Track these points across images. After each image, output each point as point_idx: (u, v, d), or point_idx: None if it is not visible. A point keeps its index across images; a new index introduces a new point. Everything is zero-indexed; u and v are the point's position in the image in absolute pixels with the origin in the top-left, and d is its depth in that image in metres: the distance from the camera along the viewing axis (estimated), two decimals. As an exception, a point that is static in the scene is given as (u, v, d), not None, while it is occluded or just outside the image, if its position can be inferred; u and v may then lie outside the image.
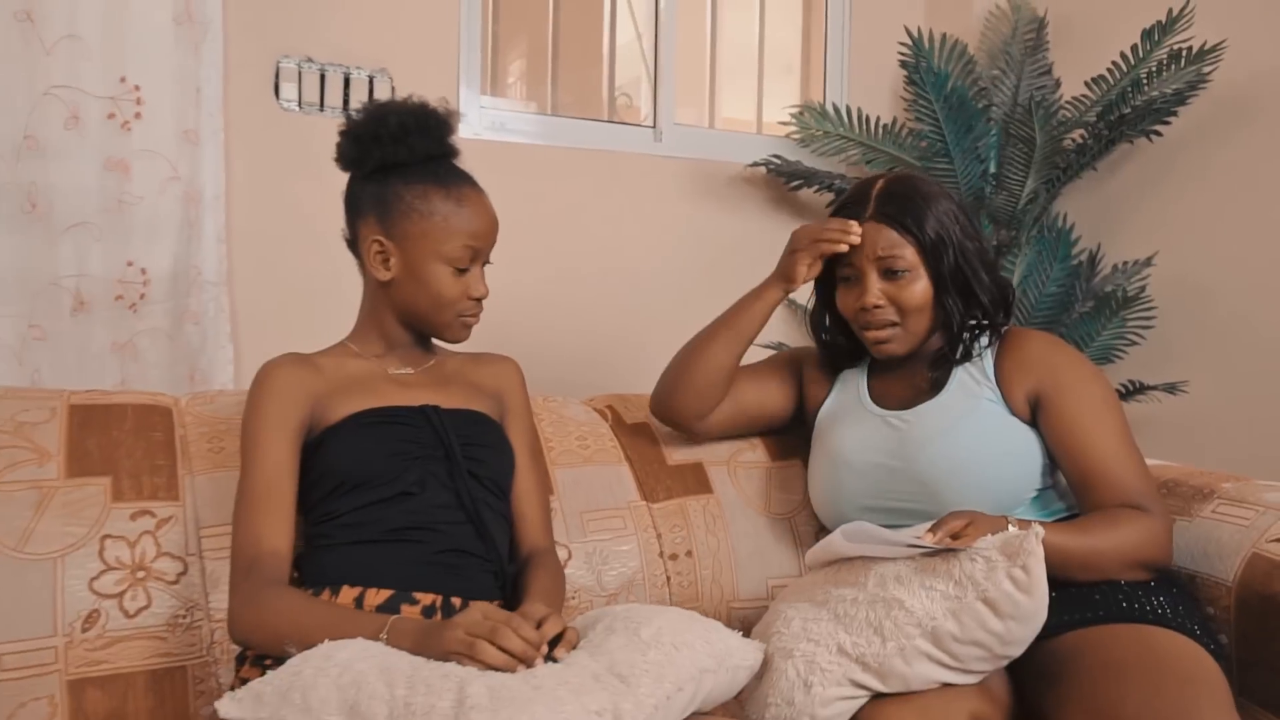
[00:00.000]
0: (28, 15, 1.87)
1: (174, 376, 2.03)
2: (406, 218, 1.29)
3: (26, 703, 1.20)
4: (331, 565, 1.21)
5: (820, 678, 1.09)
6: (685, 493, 1.60)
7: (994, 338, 1.45)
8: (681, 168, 2.58)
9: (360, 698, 0.90)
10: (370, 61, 2.22)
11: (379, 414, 1.28)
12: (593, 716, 0.89)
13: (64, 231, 1.92)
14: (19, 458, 1.30)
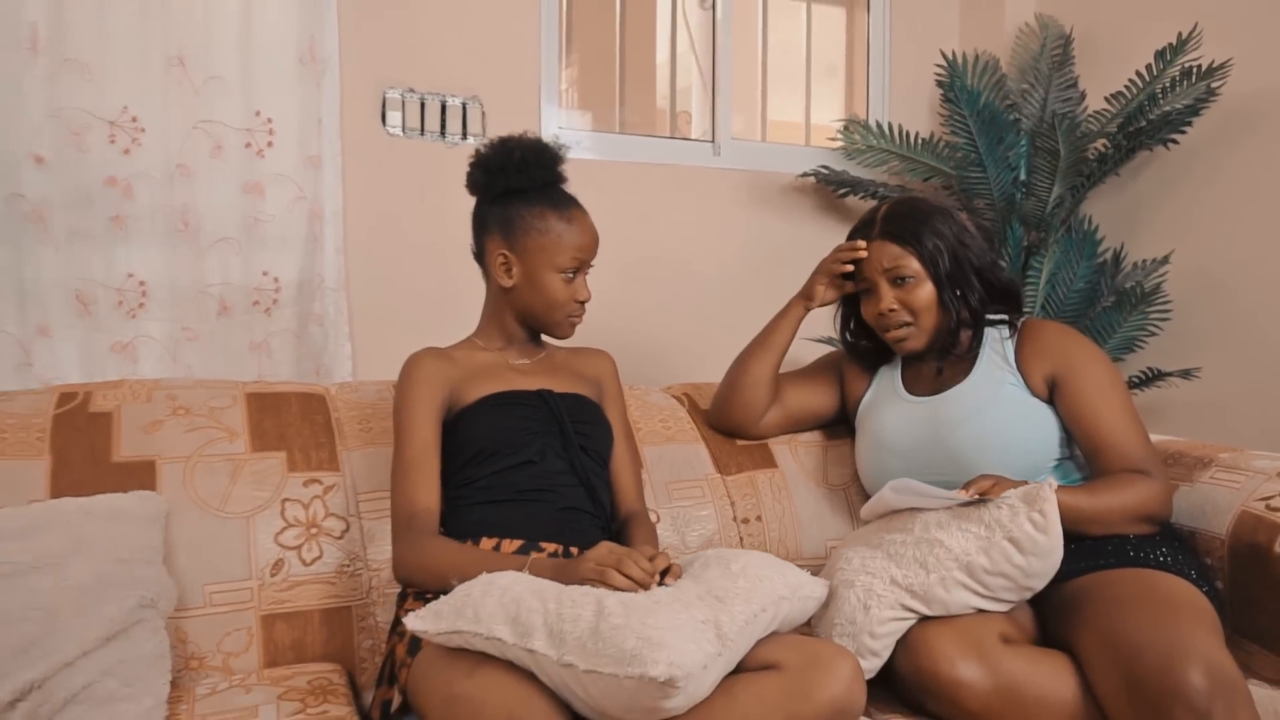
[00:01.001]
0: (180, 60, 2.17)
1: (301, 371, 2.32)
2: (527, 235, 1.56)
3: (230, 632, 1.49)
4: (471, 521, 1.48)
5: (876, 603, 1.35)
6: (754, 467, 1.87)
7: (1013, 329, 1.70)
8: (738, 178, 2.84)
9: (520, 611, 1.17)
10: (463, 90, 2.50)
11: (505, 397, 1.56)
12: (699, 623, 1.16)
13: (210, 246, 2.22)
14: (214, 436, 1.59)
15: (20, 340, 2.11)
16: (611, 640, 1.09)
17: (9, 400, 1.57)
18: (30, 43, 2.07)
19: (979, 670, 1.31)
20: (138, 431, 1.56)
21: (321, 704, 1.36)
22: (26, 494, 1.44)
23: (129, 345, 2.19)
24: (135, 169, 2.16)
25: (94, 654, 1.25)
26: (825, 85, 3.18)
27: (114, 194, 2.15)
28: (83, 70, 2.11)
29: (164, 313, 2.21)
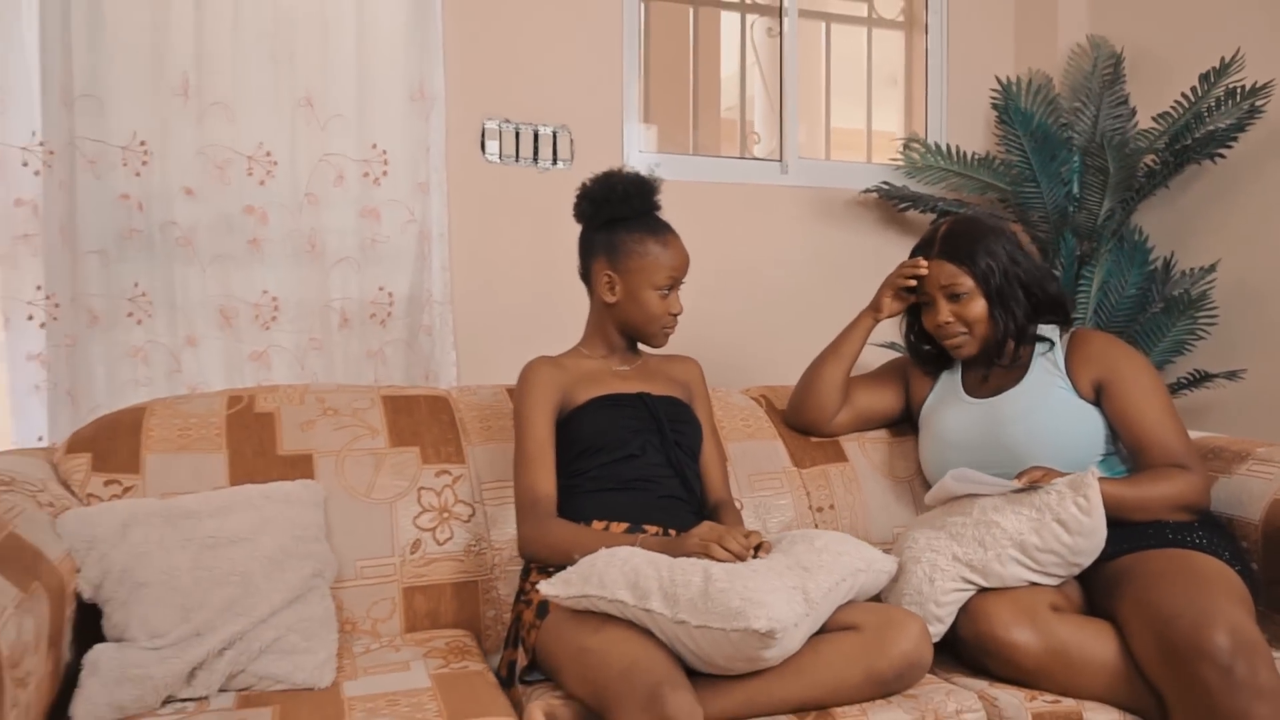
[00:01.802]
0: (307, 101, 2.44)
1: (411, 376, 2.57)
2: (628, 257, 1.79)
3: (378, 601, 1.74)
4: (583, 507, 1.71)
5: (940, 576, 1.56)
6: (827, 461, 2.08)
7: (1062, 337, 1.89)
8: (804, 195, 3.04)
9: (638, 578, 1.40)
10: (553, 119, 2.74)
11: (610, 400, 1.78)
12: (790, 589, 1.37)
13: (333, 265, 2.49)
14: (359, 433, 1.84)
15: (171, 349, 2.38)
16: (719, 600, 1.31)
17: (187, 403, 1.84)
18: (182, 89, 2.35)
19: (1031, 634, 1.51)
20: (296, 429, 1.81)
21: (461, 661, 1.60)
22: (211, 481, 1.70)
23: (263, 354, 2.46)
24: (269, 198, 2.43)
25: (281, 613, 1.50)
26: (886, 93, 3.37)
27: (251, 220, 2.42)
28: (225, 112, 2.39)
29: (293, 325, 2.48)
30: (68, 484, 1.66)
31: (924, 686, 1.49)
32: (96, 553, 1.45)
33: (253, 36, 2.41)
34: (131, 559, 1.45)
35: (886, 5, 3.31)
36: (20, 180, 2.27)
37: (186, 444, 1.74)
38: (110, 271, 2.33)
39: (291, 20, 2.44)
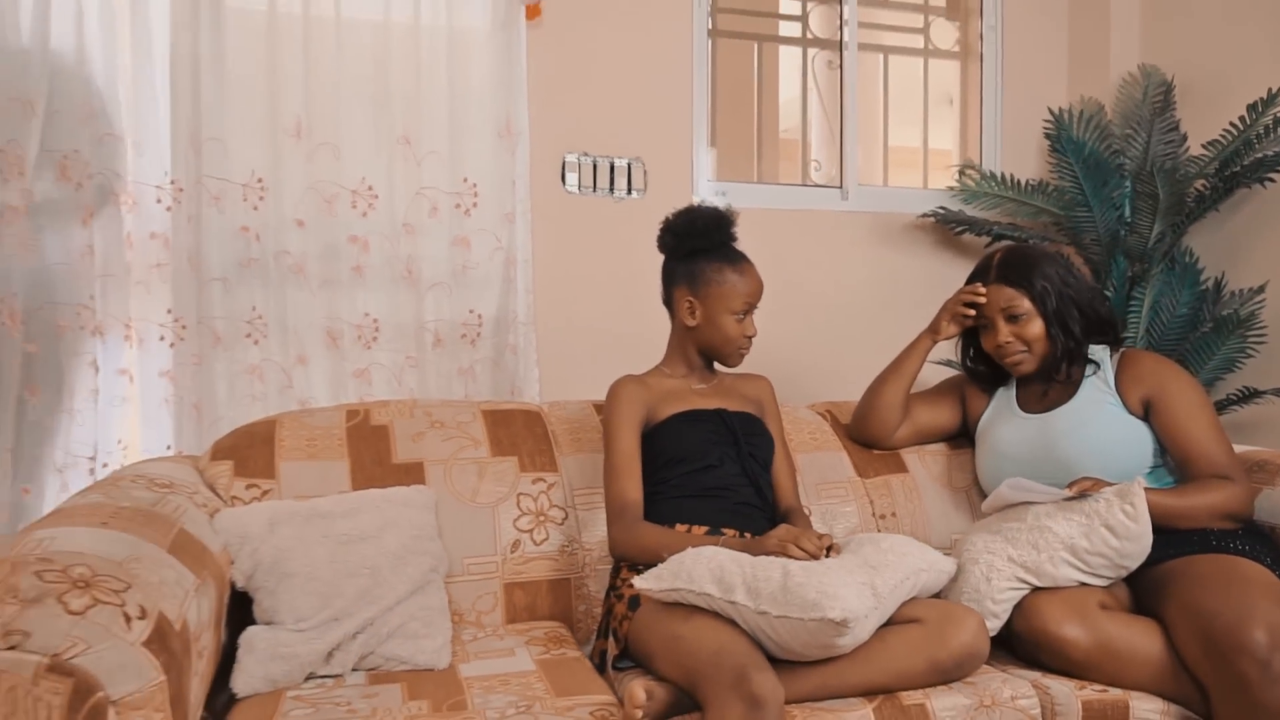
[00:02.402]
0: (405, 140, 2.66)
1: (497, 392, 2.77)
2: (708, 285, 1.96)
3: (482, 595, 1.93)
4: (667, 512, 1.88)
5: (996, 576, 1.71)
6: (889, 472, 2.23)
7: (1113, 356, 2.03)
8: (863, 220, 3.20)
9: (723, 573, 1.57)
10: (628, 152, 2.94)
11: (690, 415, 1.96)
12: (860, 584, 1.53)
13: (428, 289, 2.70)
14: (464, 444, 2.04)
15: (283, 367, 2.61)
16: (797, 593, 1.47)
17: (311, 416, 2.05)
18: (294, 131, 2.58)
19: (1081, 630, 1.65)
20: (408, 440, 2.02)
21: (559, 648, 1.78)
22: (336, 486, 1.90)
23: (365, 371, 2.67)
24: (371, 228, 2.65)
25: (404, 602, 1.70)
26: (941, 112, 3.51)
27: (355, 249, 2.64)
28: (332, 151, 2.62)
29: (391, 344, 2.69)
30: (213, 487, 1.87)
31: (981, 675, 1.64)
32: (249, 547, 1.66)
33: (355, 82, 2.64)
34: (279, 553, 1.65)
35: (942, 36, 3.46)
36: (154, 215, 2.52)
37: (314, 452, 1.95)
38: (231, 296, 2.57)
39: (389, 66, 2.66)
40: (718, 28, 3.15)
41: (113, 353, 2.50)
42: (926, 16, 3.45)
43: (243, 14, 2.55)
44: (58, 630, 1.17)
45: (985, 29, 3.37)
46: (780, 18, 3.37)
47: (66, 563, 1.26)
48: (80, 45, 2.41)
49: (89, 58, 2.42)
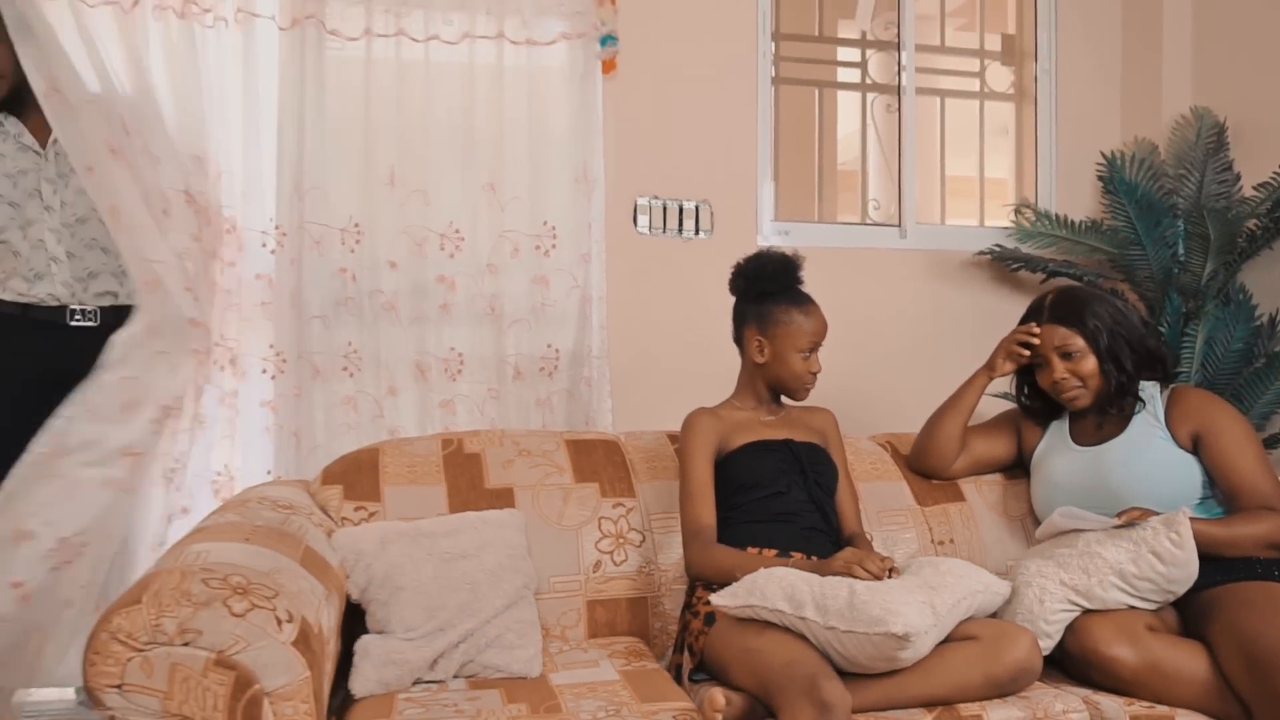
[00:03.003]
0: (490, 186, 2.86)
1: (572, 422, 2.94)
2: (776, 325, 2.12)
3: (566, 611, 2.09)
4: (739, 535, 2.03)
5: (1049, 598, 1.83)
6: (947, 500, 2.35)
7: (1163, 393, 2.14)
8: (921, 257, 3.32)
9: (794, 592, 1.71)
10: (696, 195, 3.11)
11: (760, 445, 2.11)
12: (920, 603, 1.66)
13: (509, 325, 2.88)
14: (549, 471, 2.21)
15: (376, 398, 2.81)
16: (863, 610, 1.62)
17: (410, 444, 2.24)
18: (389, 180, 2.80)
19: (1129, 650, 1.77)
20: (498, 466, 2.19)
21: (639, 661, 1.94)
22: (435, 509, 2.09)
23: (450, 402, 2.86)
24: (458, 268, 2.85)
25: (501, 615, 1.86)
26: (997, 143, 3.63)
27: (442, 288, 2.84)
28: (422, 197, 2.82)
29: (475, 377, 2.88)
30: (325, 509, 2.06)
31: (1034, 690, 1.76)
32: (363, 563, 1.84)
33: (443, 134, 2.85)
34: (390, 569, 1.83)
35: (997, 79, 3.59)
36: (259, 258, 2.75)
37: (414, 478, 2.14)
38: (329, 332, 2.78)
39: (474, 119, 2.86)
40: (781, 76, 3.32)
41: (218, 383, 2.72)
42: (982, 61, 3.58)
43: (341, 82, 2.77)
44: (224, 630, 1.36)
45: (1040, 72, 3.49)
46: (840, 64, 3.53)
47: (226, 572, 1.45)
48: (198, 103, 2.64)
49: (204, 113, 2.65)
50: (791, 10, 3.40)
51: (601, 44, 2.93)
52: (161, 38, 2.61)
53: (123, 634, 1.35)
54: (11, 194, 2.44)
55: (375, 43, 2.81)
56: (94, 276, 2.49)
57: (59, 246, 2.45)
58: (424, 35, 2.83)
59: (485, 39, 2.86)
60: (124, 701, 1.35)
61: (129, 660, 1.35)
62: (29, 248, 2.44)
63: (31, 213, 2.44)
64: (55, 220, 2.46)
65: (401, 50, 2.82)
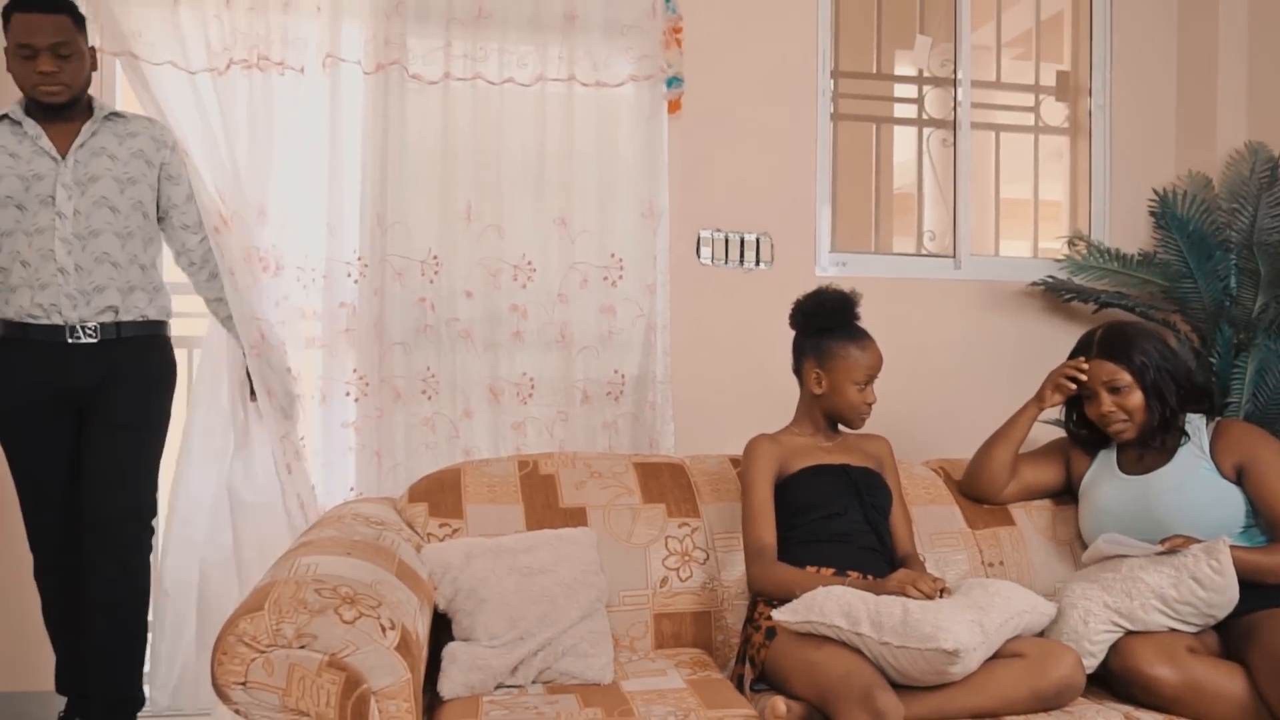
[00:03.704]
0: (561, 221, 3.03)
1: (636, 445, 3.09)
2: (833, 359, 2.25)
3: (634, 623, 2.22)
4: (798, 554, 2.15)
5: (1093, 620, 1.93)
6: (997, 524, 2.45)
7: (1208, 425, 2.23)
8: (975, 287, 3.42)
9: (850, 609, 1.84)
10: (757, 228, 3.25)
11: (818, 469, 2.23)
12: (970, 621, 1.77)
13: (578, 352, 3.04)
14: (619, 492, 2.36)
15: (452, 420, 2.98)
16: (916, 627, 1.73)
17: (489, 465, 2.40)
18: (466, 215, 2.98)
19: (1170, 670, 1.86)
20: (572, 487, 2.35)
21: (704, 671, 2.07)
22: (513, 526, 2.24)
23: (521, 424, 3.03)
24: (529, 298, 3.02)
25: (576, 626, 2.01)
26: (1051, 167, 3.71)
27: (515, 316, 3.01)
28: (497, 231, 3.00)
29: (545, 400, 3.04)
30: (411, 525, 2.23)
31: (1077, 705, 1.86)
32: (450, 576, 2.00)
33: (517, 171, 3.02)
34: (475, 581, 1.99)
35: (1052, 114, 3.68)
36: (344, 288, 2.94)
37: (494, 497, 2.29)
38: (409, 358, 2.96)
39: (546, 156, 3.03)
40: (839, 112, 3.44)
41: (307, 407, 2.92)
42: (1037, 96, 3.68)
43: (422, 122, 2.95)
44: (336, 635, 1.52)
45: (1094, 107, 3.58)
46: (897, 100, 3.65)
47: (335, 583, 1.62)
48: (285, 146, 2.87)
49: (289, 157, 2.88)
50: (850, 48, 3.53)
51: (668, 85, 3.09)
52: (248, 91, 2.85)
53: (247, 637, 1.52)
54: (22, 196, 2.40)
55: (453, 85, 2.99)
56: (99, 291, 2.45)
57: (68, 258, 2.41)
58: (499, 78, 3.01)
59: (557, 81, 3.03)
60: (248, 697, 1.52)
61: (252, 660, 1.52)
62: (37, 256, 2.40)
63: (42, 220, 2.41)
64: (67, 229, 2.41)
65: (478, 92, 3.00)
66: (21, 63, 2.37)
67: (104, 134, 2.49)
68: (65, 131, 2.46)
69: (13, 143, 2.42)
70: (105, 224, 2.45)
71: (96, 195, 2.44)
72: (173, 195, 2.61)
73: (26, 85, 2.40)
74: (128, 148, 2.51)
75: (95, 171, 2.45)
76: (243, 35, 2.86)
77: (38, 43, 2.34)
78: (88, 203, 2.44)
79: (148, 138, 2.56)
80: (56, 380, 2.43)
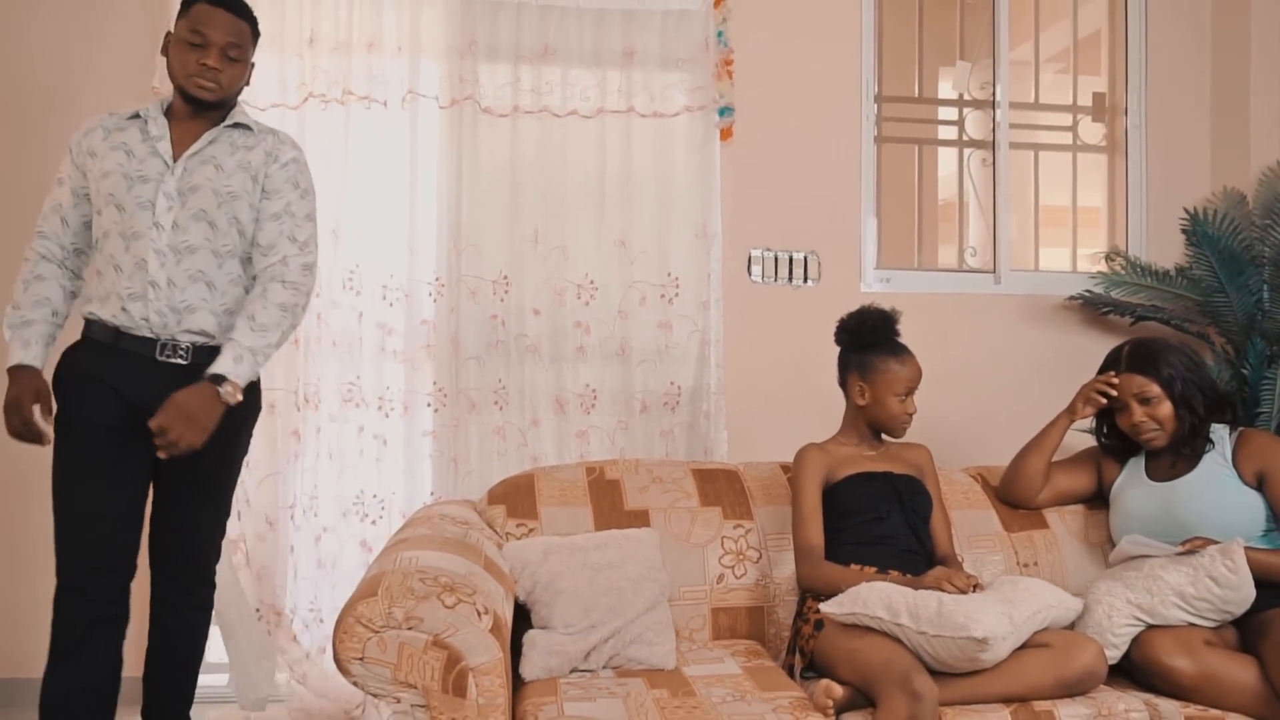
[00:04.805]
0: (621, 242, 3.25)
1: (691, 452, 3.30)
2: (875, 372, 2.44)
3: (693, 616, 2.43)
4: (844, 554, 2.34)
5: (1116, 614, 2.10)
6: (1032, 527, 2.63)
7: (1231, 435, 2.38)
8: (1014, 301, 3.58)
9: (891, 602, 2.03)
10: (804, 246, 3.44)
11: (863, 476, 2.43)
12: (999, 613, 1.96)
13: (637, 364, 3.26)
14: (679, 496, 2.57)
15: (520, 428, 3.22)
16: (950, 618, 1.92)
17: (559, 471, 2.63)
18: (533, 238, 3.22)
19: (1187, 661, 2.03)
20: (635, 491, 2.56)
21: (757, 659, 2.27)
22: (583, 526, 2.46)
23: (584, 432, 3.25)
24: (592, 315, 3.25)
25: (642, 616, 2.22)
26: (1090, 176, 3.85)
27: (579, 332, 3.24)
28: (562, 253, 3.23)
29: (607, 410, 3.26)
30: (491, 525, 2.46)
31: (1100, 692, 2.03)
32: (529, 571, 2.22)
33: (580, 196, 3.26)
34: (551, 575, 2.21)
35: (1089, 133, 3.83)
36: (424, 306, 3.19)
37: (565, 500, 2.52)
38: (483, 371, 3.20)
39: (607, 182, 3.26)
40: (883, 135, 3.63)
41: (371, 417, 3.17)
42: (1075, 115, 3.83)
43: (493, 152, 3.20)
44: (439, 618, 1.75)
45: (1130, 127, 3.72)
46: (939, 123, 3.82)
47: (435, 574, 1.85)
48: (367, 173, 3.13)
49: (371, 183, 3.14)
50: (893, 72, 3.72)
51: (720, 114, 3.30)
52: (344, 122, 3.13)
53: (364, 619, 1.76)
54: (123, 196, 2.22)
55: (521, 118, 3.24)
56: (191, 311, 2.23)
57: (160, 271, 2.20)
58: (564, 111, 3.25)
59: (617, 113, 3.26)
60: (364, 670, 1.75)
61: (368, 639, 1.75)
62: (132, 264, 2.21)
63: (139, 224, 2.21)
64: (162, 241, 2.21)
65: (544, 124, 3.24)
66: (187, 50, 2.24)
67: (220, 143, 2.30)
68: (189, 134, 2.29)
69: (134, 140, 2.27)
70: (203, 240, 2.25)
71: (195, 208, 2.24)
72: (264, 209, 2.31)
73: (182, 74, 2.25)
74: (236, 160, 2.30)
75: (197, 182, 2.25)
76: (323, 73, 3.14)
77: (213, 37, 2.24)
78: (186, 215, 2.24)
79: (261, 151, 2.33)
80: (138, 398, 2.17)
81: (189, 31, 2.25)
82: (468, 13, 3.18)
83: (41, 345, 2.27)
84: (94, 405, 2.21)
